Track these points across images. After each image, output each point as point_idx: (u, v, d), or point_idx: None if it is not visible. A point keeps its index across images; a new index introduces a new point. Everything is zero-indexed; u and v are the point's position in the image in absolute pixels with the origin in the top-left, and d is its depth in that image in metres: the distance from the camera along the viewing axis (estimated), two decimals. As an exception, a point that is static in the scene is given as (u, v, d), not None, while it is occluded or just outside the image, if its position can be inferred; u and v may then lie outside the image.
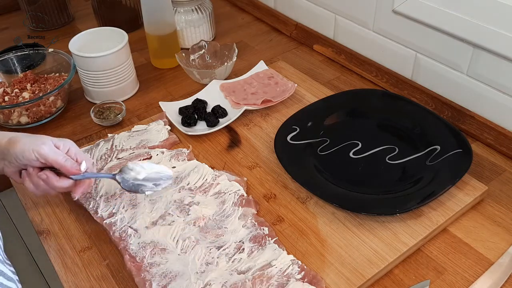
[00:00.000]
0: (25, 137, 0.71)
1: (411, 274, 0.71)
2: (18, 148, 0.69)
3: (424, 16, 0.91)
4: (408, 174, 0.82)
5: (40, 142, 0.70)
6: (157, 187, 0.76)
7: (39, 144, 0.69)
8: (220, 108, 0.98)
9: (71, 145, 0.74)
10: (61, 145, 0.73)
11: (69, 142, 0.74)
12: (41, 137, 0.72)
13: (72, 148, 0.74)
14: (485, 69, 0.87)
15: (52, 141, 0.72)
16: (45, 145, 0.70)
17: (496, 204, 0.80)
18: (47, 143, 0.70)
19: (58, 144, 0.72)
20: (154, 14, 1.10)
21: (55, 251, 0.75)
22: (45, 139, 0.71)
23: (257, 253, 0.71)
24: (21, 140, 0.70)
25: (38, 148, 0.69)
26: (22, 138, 0.70)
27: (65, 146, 0.73)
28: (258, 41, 1.26)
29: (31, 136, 0.72)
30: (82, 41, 1.03)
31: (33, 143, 0.69)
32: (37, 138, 0.71)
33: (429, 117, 0.91)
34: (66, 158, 0.71)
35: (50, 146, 0.70)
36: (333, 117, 0.94)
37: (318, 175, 0.83)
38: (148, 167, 0.76)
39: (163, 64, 1.17)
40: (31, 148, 0.69)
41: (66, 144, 0.73)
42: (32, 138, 0.71)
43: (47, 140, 0.71)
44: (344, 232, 0.75)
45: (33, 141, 0.70)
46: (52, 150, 0.70)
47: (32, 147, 0.69)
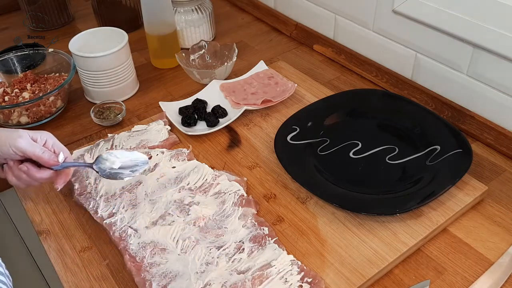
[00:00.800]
0: (1, 132, 0.72)
1: (411, 274, 0.71)
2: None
3: (424, 16, 0.91)
4: (408, 174, 0.82)
5: (17, 135, 0.71)
6: (134, 172, 0.77)
7: (15, 138, 0.71)
8: (220, 108, 0.98)
9: (48, 137, 0.75)
10: (38, 137, 0.74)
11: (46, 134, 0.75)
12: (16, 131, 0.73)
13: (49, 140, 0.75)
14: (485, 69, 0.87)
15: (28, 134, 0.73)
16: (21, 139, 0.71)
17: (496, 204, 0.80)
18: (24, 136, 0.72)
19: (35, 136, 0.73)
20: (154, 14, 1.10)
21: (55, 251, 0.75)
22: (21, 132, 0.72)
23: (257, 253, 0.71)
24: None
25: (14, 142, 0.70)
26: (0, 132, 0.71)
27: (42, 139, 0.74)
28: (258, 41, 1.26)
29: (7, 130, 0.73)
30: (82, 41, 1.04)
31: (9, 137, 0.71)
32: (12, 131, 0.72)
33: (429, 117, 0.91)
34: (43, 150, 0.72)
35: (27, 139, 0.72)
36: (333, 117, 0.94)
37: (318, 175, 0.83)
38: (121, 155, 0.77)
39: (163, 64, 1.17)
40: (8, 143, 0.70)
41: (43, 136, 0.74)
42: (7, 132, 0.72)
43: (23, 133, 0.72)
44: (344, 232, 0.75)
45: (9, 135, 0.71)
46: (29, 143, 0.72)
47: (9, 141, 0.70)
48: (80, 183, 0.83)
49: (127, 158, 0.77)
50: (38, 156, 0.72)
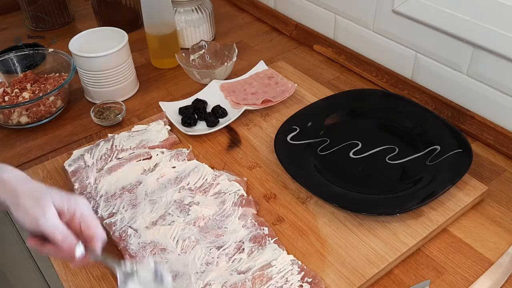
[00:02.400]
0: (23, 200, 0.61)
1: (411, 274, 0.71)
2: (16, 216, 0.61)
3: (424, 16, 0.91)
4: (408, 174, 0.82)
5: (40, 212, 0.60)
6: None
7: (38, 215, 0.60)
8: (220, 108, 0.98)
9: (77, 208, 0.63)
10: (66, 209, 0.63)
11: (79, 203, 0.64)
12: (41, 199, 0.61)
13: (77, 212, 0.63)
14: (485, 69, 0.87)
15: (55, 204, 0.62)
16: (44, 216, 0.60)
17: (496, 204, 0.80)
18: (48, 212, 0.61)
19: (62, 207, 0.62)
20: (154, 14, 1.10)
21: (55, 251, 0.75)
22: (46, 201, 0.61)
23: (257, 253, 0.71)
24: (21, 205, 0.61)
25: (37, 221, 0.60)
26: (21, 201, 0.61)
27: (70, 210, 0.63)
28: (258, 41, 1.26)
29: (33, 197, 0.61)
30: (82, 41, 1.03)
31: (33, 212, 0.60)
32: (37, 201, 0.61)
33: (429, 117, 0.91)
34: (63, 236, 0.61)
35: (51, 218, 0.61)
36: (333, 117, 0.94)
37: (318, 175, 0.83)
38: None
39: (163, 64, 1.17)
40: (30, 222, 0.60)
41: (70, 208, 0.63)
42: (32, 200, 0.61)
43: (47, 206, 0.61)
44: (344, 232, 0.75)
45: (33, 207, 0.61)
46: (52, 223, 0.61)
47: (30, 219, 0.60)
48: (80, 183, 0.83)
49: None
50: (57, 243, 0.61)
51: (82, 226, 0.63)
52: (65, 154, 0.91)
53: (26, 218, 0.61)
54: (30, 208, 0.60)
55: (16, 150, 0.95)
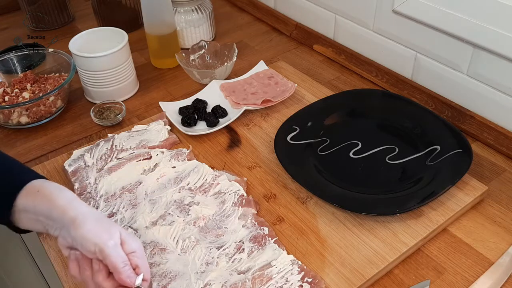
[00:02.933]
0: (92, 222, 0.62)
1: (411, 274, 0.71)
2: (80, 233, 0.61)
3: (424, 16, 0.91)
4: (408, 174, 0.82)
5: (107, 237, 0.61)
6: None
7: (105, 240, 0.60)
8: (220, 108, 0.98)
9: (137, 247, 0.63)
10: (126, 243, 0.63)
11: (137, 243, 0.64)
12: (109, 228, 0.62)
13: (135, 252, 0.63)
14: (485, 69, 0.87)
15: (120, 235, 0.62)
16: (109, 243, 0.60)
17: (496, 204, 0.80)
18: (114, 237, 0.61)
19: (125, 239, 0.63)
20: (154, 14, 1.10)
21: (55, 251, 0.75)
22: (113, 232, 0.62)
23: (257, 253, 0.71)
24: (86, 225, 0.61)
25: (102, 245, 0.60)
26: (89, 222, 0.62)
27: (130, 246, 0.63)
28: (258, 41, 1.26)
29: (99, 222, 0.62)
30: (82, 41, 1.03)
31: (99, 236, 0.61)
32: (104, 228, 0.62)
33: (429, 117, 0.91)
34: (125, 264, 0.61)
35: (115, 246, 0.61)
36: (333, 117, 0.94)
37: (318, 175, 0.83)
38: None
39: (163, 64, 1.17)
40: (95, 242, 0.60)
41: (131, 245, 0.63)
42: (99, 225, 0.62)
43: (115, 235, 0.62)
44: (344, 232, 0.75)
45: (99, 232, 0.61)
46: (116, 251, 0.61)
47: (96, 240, 0.60)
48: (80, 183, 0.83)
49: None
50: (117, 270, 0.60)
51: (137, 263, 0.62)
52: (65, 154, 0.91)
53: (90, 237, 0.60)
54: (97, 230, 0.61)
55: (16, 150, 0.95)
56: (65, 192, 0.66)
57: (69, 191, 0.67)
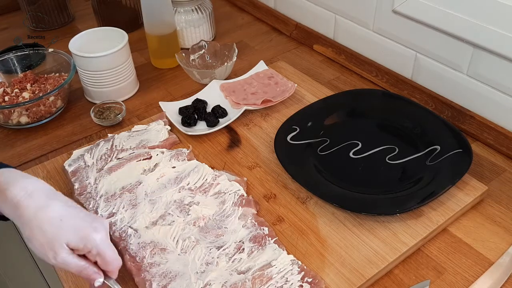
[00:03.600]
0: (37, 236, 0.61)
1: (411, 274, 0.71)
2: (31, 247, 0.62)
3: (424, 16, 0.91)
4: (408, 174, 0.82)
5: (52, 255, 0.61)
6: None
7: (50, 257, 0.61)
8: (220, 108, 0.98)
9: (94, 247, 0.62)
10: (81, 247, 0.62)
11: (94, 239, 0.63)
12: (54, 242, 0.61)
13: (93, 251, 0.62)
14: (485, 69, 0.87)
15: (69, 244, 0.61)
16: (55, 259, 0.61)
17: (496, 204, 0.80)
18: (59, 255, 0.61)
19: (77, 246, 0.62)
20: (154, 14, 1.10)
21: (55, 251, 0.75)
22: (58, 245, 0.61)
23: (257, 253, 0.71)
24: (31, 242, 0.61)
25: (47, 260, 0.62)
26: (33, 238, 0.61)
27: (85, 249, 0.63)
28: (258, 41, 1.26)
29: (45, 237, 0.61)
30: (82, 41, 1.04)
31: (45, 252, 0.61)
32: (50, 242, 0.61)
33: (429, 117, 0.91)
34: (79, 269, 0.62)
35: (62, 258, 0.61)
36: (333, 117, 0.94)
37: (318, 175, 0.83)
38: None
39: (163, 64, 1.17)
40: (42, 257, 0.62)
41: (87, 246, 0.62)
42: (45, 240, 0.61)
43: (59, 249, 0.61)
44: (344, 232, 0.75)
45: (46, 248, 0.61)
46: (64, 262, 0.61)
47: (43, 257, 0.62)
48: (80, 183, 0.83)
49: None
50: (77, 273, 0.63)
51: (99, 261, 0.64)
52: (65, 154, 0.91)
53: (38, 254, 0.62)
54: (43, 248, 0.61)
55: (16, 150, 0.95)
56: (15, 186, 0.63)
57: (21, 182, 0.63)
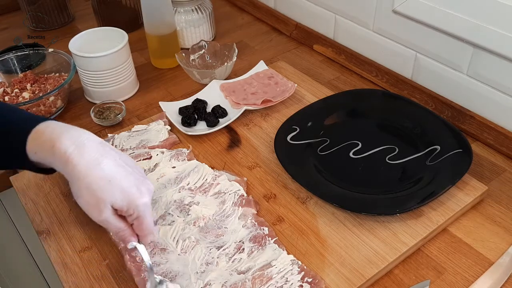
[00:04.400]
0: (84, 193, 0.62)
1: (411, 274, 0.71)
2: (78, 201, 0.64)
3: (424, 16, 0.91)
4: (408, 174, 0.82)
5: (97, 213, 0.63)
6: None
7: (94, 215, 0.63)
8: (220, 108, 0.98)
9: (136, 211, 0.64)
10: (124, 210, 0.63)
11: (138, 205, 0.63)
12: (100, 202, 0.62)
13: (134, 214, 0.64)
14: (485, 69, 0.87)
15: (114, 205, 0.63)
16: (100, 217, 0.63)
17: (496, 204, 0.80)
18: (103, 213, 0.62)
19: (120, 208, 0.63)
20: (154, 14, 1.10)
21: (55, 251, 0.75)
22: (103, 205, 0.62)
23: (257, 253, 0.71)
24: (79, 198, 0.63)
25: (92, 216, 0.63)
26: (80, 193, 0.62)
27: (128, 212, 0.64)
28: (258, 41, 1.26)
29: (93, 196, 0.62)
30: (82, 41, 1.03)
31: (90, 209, 0.63)
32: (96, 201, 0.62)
33: (429, 117, 0.91)
34: (117, 230, 0.65)
35: (105, 218, 0.63)
36: (333, 117, 0.94)
37: (318, 175, 0.83)
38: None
39: (163, 64, 1.17)
40: (86, 211, 0.63)
41: (129, 210, 0.63)
42: (89, 197, 0.62)
43: (105, 208, 0.62)
44: (344, 232, 0.75)
45: (92, 205, 0.62)
46: (106, 221, 0.63)
47: (90, 213, 0.63)
48: (80, 183, 0.83)
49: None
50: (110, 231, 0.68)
51: (135, 225, 0.66)
52: (65, 154, 0.91)
53: (84, 208, 0.64)
54: (89, 205, 0.63)
55: (16, 150, 0.95)
56: (63, 139, 0.63)
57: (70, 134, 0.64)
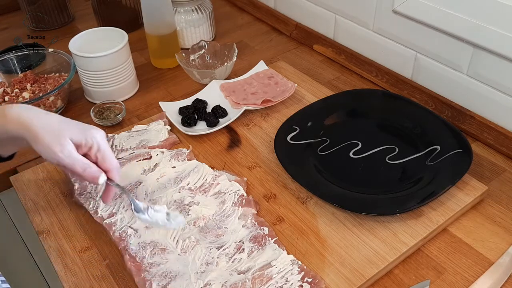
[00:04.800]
0: (43, 137, 0.64)
1: (411, 274, 0.71)
2: (37, 149, 0.65)
3: (424, 16, 0.91)
4: (408, 174, 0.82)
5: (58, 147, 0.64)
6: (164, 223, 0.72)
7: (55, 151, 0.64)
8: (220, 108, 0.98)
9: (95, 140, 0.67)
10: (83, 142, 0.66)
11: (94, 135, 0.67)
12: (61, 136, 0.64)
13: (95, 145, 0.67)
14: (485, 69, 0.87)
15: (73, 139, 0.66)
16: (62, 153, 0.64)
17: (496, 204, 0.80)
18: (65, 148, 0.64)
19: (80, 141, 0.66)
20: (154, 14, 1.10)
21: (55, 251, 0.75)
22: (64, 140, 0.64)
23: (257, 253, 0.71)
24: (38, 144, 0.64)
25: (54, 156, 0.65)
26: (40, 138, 0.64)
27: (88, 144, 0.67)
28: (258, 41, 1.26)
29: (50, 130, 0.64)
30: (82, 41, 1.03)
31: (50, 147, 0.64)
32: (57, 136, 0.64)
33: (429, 117, 0.91)
34: (84, 167, 0.66)
35: (68, 152, 0.65)
36: (333, 117, 0.94)
37: (318, 175, 0.83)
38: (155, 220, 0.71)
39: (163, 64, 1.17)
40: (49, 154, 0.65)
41: (89, 141, 0.66)
42: (50, 135, 0.64)
43: (66, 143, 0.65)
44: (344, 232, 0.75)
45: (51, 143, 0.64)
46: (70, 157, 0.65)
47: (49, 152, 0.64)
48: (80, 183, 0.83)
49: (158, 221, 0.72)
50: (79, 174, 0.67)
51: (99, 158, 0.68)
52: (65, 154, 0.91)
53: (46, 153, 0.65)
54: (49, 144, 0.64)
55: (16, 150, 0.95)
56: (12, 107, 0.65)
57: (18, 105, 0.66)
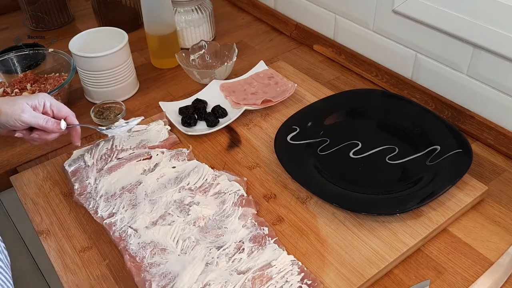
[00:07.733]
0: (4, 106, 0.76)
1: (411, 274, 0.71)
2: (5, 119, 0.76)
3: (424, 16, 0.91)
4: (408, 174, 0.82)
5: (20, 111, 0.76)
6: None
7: (19, 114, 0.76)
8: (220, 108, 0.98)
9: (45, 99, 0.79)
10: (37, 103, 0.78)
11: (43, 96, 0.80)
12: (18, 103, 0.76)
13: (46, 102, 0.79)
14: (485, 69, 0.87)
15: (28, 104, 0.77)
16: (24, 113, 0.76)
17: (496, 204, 0.80)
18: (26, 110, 0.76)
19: (34, 103, 0.78)
20: (154, 14, 1.10)
21: (55, 251, 0.75)
22: (22, 105, 0.77)
23: (257, 253, 0.71)
24: (2, 112, 0.75)
25: (19, 117, 0.76)
26: (3, 108, 0.75)
27: (40, 103, 0.79)
28: (258, 41, 1.26)
29: (9, 103, 0.76)
30: (82, 41, 1.03)
31: (14, 113, 0.76)
32: (14, 104, 0.76)
33: (429, 117, 0.91)
34: (45, 120, 0.78)
35: (29, 112, 0.77)
36: (333, 117, 0.94)
37: (318, 175, 0.83)
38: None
39: (163, 64, 1.17)
40: (13, 118, 0.76)
41: (40, 101, 0.79)
42: (10, 105, 0.76)
43: (25, 106, 0.76)
44: (344, 232, 0.75)
45: (13, 110, 0.76)
46: (32, 115, 0.77)
47: (14, 116, 0.76)
48: (80, 183, 0.83)
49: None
50: (42, 127, 0.78)
51: (55, 111, 0.80)
52: (65, 154, 0.91)
53: (10, 118, 0.76)
54: (10, 110, 0.76)
55: (16, 150, 0.95)
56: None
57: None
